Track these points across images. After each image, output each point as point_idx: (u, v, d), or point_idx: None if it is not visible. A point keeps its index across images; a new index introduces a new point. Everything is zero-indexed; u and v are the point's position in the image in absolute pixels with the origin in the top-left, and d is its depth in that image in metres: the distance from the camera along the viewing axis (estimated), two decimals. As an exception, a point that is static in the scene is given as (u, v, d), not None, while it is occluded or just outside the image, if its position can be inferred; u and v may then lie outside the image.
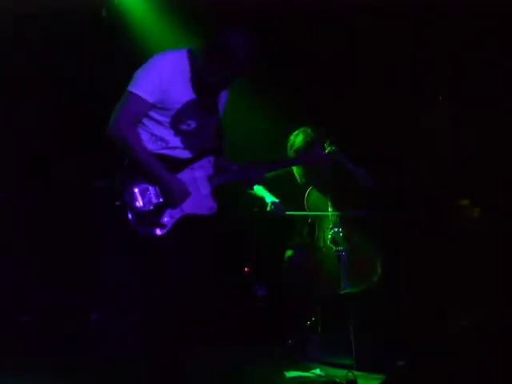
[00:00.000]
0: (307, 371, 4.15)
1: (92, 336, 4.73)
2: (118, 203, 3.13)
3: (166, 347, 3.20)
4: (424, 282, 4.83)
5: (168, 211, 3.17)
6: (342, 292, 4.32)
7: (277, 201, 4.52)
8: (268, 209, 4.51)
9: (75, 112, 5.12)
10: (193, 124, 3.25)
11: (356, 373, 3.79)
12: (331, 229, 4.50)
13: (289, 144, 4.69)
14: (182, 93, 3.20)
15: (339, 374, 3.97)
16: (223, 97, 3.45)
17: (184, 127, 3.24)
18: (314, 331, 4.53)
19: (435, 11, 4.95)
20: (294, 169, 4.72)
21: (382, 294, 4.46)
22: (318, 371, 4.16)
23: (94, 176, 4.95)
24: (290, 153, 4.66)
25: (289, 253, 4.65)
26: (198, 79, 3.21)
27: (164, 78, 3.13)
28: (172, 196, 3.15)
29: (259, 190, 4.56)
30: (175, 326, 3.20)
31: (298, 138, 4.65)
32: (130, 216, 3.10)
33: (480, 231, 4.92)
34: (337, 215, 4.54)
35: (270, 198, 4.54)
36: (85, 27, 5.02)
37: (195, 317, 3.53)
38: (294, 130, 4.72)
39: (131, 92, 3.12)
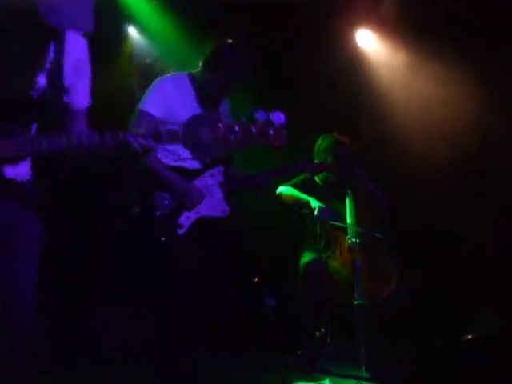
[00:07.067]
0: (316, 382, 4.15)
1: (95, 338, 4.75)
2: (136, 211, 3.41)
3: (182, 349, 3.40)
4: (435, 297, 4.86)
5: (184, 214, 3.44)
6: (355, 303, 4.30)
7: (324, 206, 4.57)
8: (316, 213, 4.54)
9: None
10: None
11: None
12: (349, 239, 4.51)
13: (316, 147, 4.78)
14: (185, 107, 3.51)
15: (348, 384, 4.00)
16: (226, 112, 3.70)
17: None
18: (323, 342, 4.57)
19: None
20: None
21: (394, 308, 4.44)
22: (327, 382, 4.14)
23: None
24: (317, 156, 4.74)
25: (306, 258, 4.65)
26: (199, 94, 3.57)
27: (167, 94, 3.49)
28: (190, 198, 3.44)
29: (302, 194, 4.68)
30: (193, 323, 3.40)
31: (324, 143, 4.74)
32: (149, 221, 3.38)
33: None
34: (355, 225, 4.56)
35: (315, 203, 4.58)
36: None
37: (209, 321, 3.64)
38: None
39: (140, 109, 3.49)
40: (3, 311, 2.40)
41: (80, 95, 2.57)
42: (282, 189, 4.71)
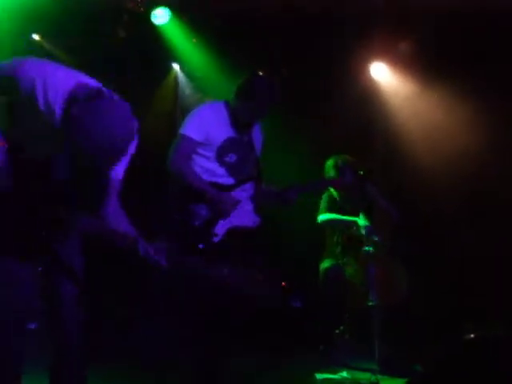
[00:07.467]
0: (335, 374, 4.48)
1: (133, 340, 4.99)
2: (178, 219, 3.73)
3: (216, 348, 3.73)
4: (444, 299, 5.32)
5: (219, 223, 3.75)
6: (369, 304, 4.62)
7: (368, 225, 4.89)
8: (362, 231, 4.87)
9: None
10: (234, 156, 3.89)
11: (379, 376, 4.11)
12: (364, 248, 4.82)
13: (326, 166, 5.16)
14: (221, 132, 3.87)
15: (363, 377, 4.29)
16: (257, 136, 4.07)
17: (227, 159, 3.87)
18: (342, 338, 4.91)
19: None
20: (332, 191, 5.16)
21: (406, 309, 4.81)
22: (344, 374, 4.47)
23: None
24: (326, 174, 5.11)
25: (325, 264, 5.00)
26: (234, 121, 3.90)
27: (205, 120, 3.81)
28: (225, 206, 3.73)
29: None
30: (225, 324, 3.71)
31: (332, 162, 5.12)
32: (189, 230, 3.70)
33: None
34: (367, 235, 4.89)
35: (362, 222, 4.91)
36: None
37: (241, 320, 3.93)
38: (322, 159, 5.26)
39: (181, 134, 3.81)
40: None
41: (119, 167, 2.84)
42: (322, 217, 5.06)
